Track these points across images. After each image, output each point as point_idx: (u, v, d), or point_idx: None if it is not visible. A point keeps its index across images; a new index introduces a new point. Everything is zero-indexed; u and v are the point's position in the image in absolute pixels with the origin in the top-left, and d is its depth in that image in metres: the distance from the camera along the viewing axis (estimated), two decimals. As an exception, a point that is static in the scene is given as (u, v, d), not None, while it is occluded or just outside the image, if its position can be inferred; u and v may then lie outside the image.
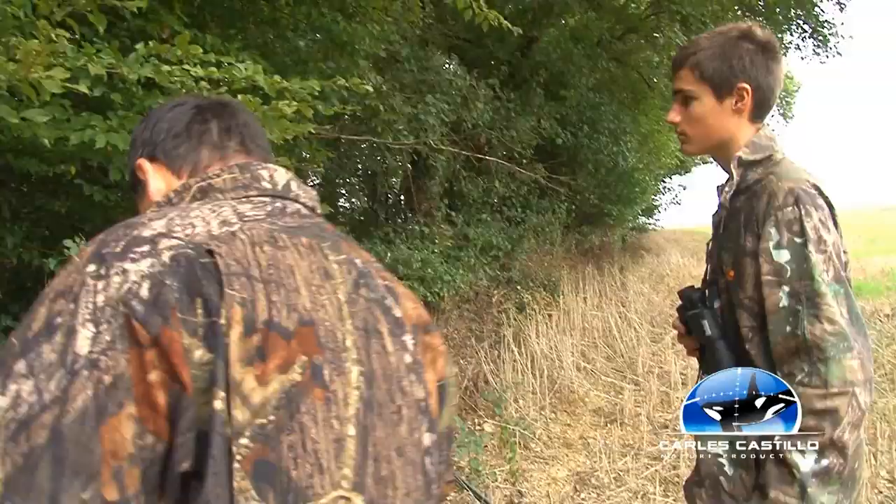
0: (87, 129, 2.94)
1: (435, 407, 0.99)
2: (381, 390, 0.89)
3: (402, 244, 7.22)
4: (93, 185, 4.26)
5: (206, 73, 2.92)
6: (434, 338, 1.05)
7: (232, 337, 0.76)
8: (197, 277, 0.78)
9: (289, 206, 1.01)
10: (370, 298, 0.94)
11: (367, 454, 0.84)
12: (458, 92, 7.54)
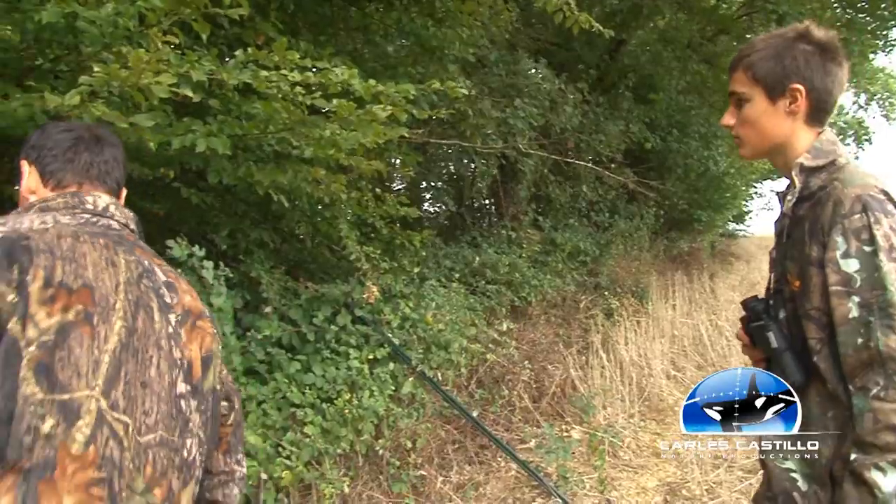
0: (188, 133, 3.01)
1: (197, 369, 1.42)
2: (139, 341, 1.30)
3: (489, 248, 7.21)
4: (190, 187, 4.37)
5: (302, 77, 2.95)
6: (205, 322, 1.50)
7: (33, 287, 1.19)
8: (16, 251, 1.21)
9: (102, 220, 1.45)
10: (147, 286, 1.38)
11: (118, 376, 1.24)
12: (546, 96, 7.49)
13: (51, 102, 2.42)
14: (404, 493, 4.10)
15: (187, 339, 1.42)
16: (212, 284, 3.37)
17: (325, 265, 5.64)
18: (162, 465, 1.30)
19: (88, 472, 1.18)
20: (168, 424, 1.32)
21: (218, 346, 1.53)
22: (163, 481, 1.30)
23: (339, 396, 3.88)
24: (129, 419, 1.24)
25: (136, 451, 1.25)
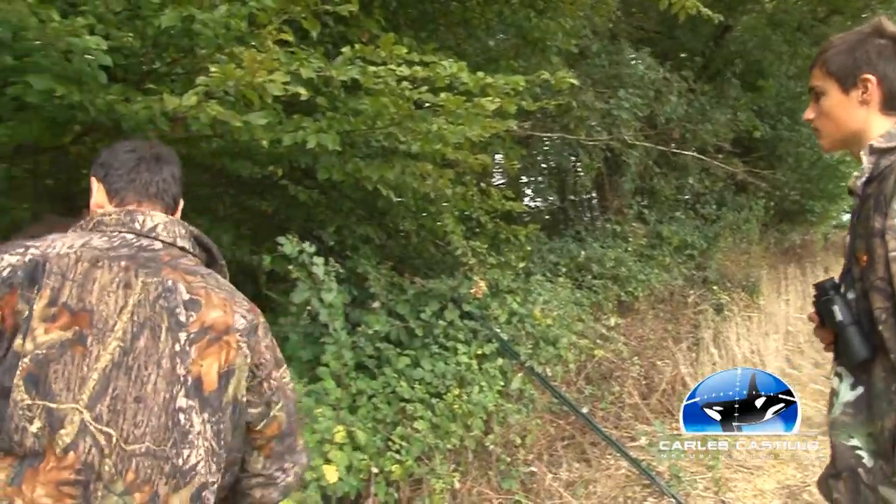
0: (298, 130, 3.05)
1: (210, 383, 1.47)
2: (135, 360, 1.40)
3: (594, 242, 7.09)
4: (297, 185, 4.44)
5: (410, 72, 2.94)
6: (232, 337, 1.53)
7: (38, 305, 1.36)
8: (37, 274, 1.38)
9: (142, 241, 1.55)
10: (163, 306, 1.46)
11: (105, 392, 1.37)
12: (650, 85, 7.30)
13: (170, 104, 2.49)
14: (514, 489, 4.05)
15: (198, 356, 1.48)
16: (322, 280, 3.41)
17: (430, 261, 5.65)
18: (146, 472, 1.39)
19: (64, 474, 1.33)
20: (159, 436, 1.41)
21: (244, 360, 1.55)
22: (145, 487, 1.39)
23: (449, 391, 3.87)
24: (112, 431, 1.37)
25: (120, 457, 1.37)
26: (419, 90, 3.12)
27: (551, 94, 4.82)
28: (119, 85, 2.80)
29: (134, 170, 1.68)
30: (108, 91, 2.70)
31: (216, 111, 2.58)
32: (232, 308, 1.56)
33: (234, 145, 3.80)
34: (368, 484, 3.46)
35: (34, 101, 2.88)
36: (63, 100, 2.73)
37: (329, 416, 3.18)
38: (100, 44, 2.44)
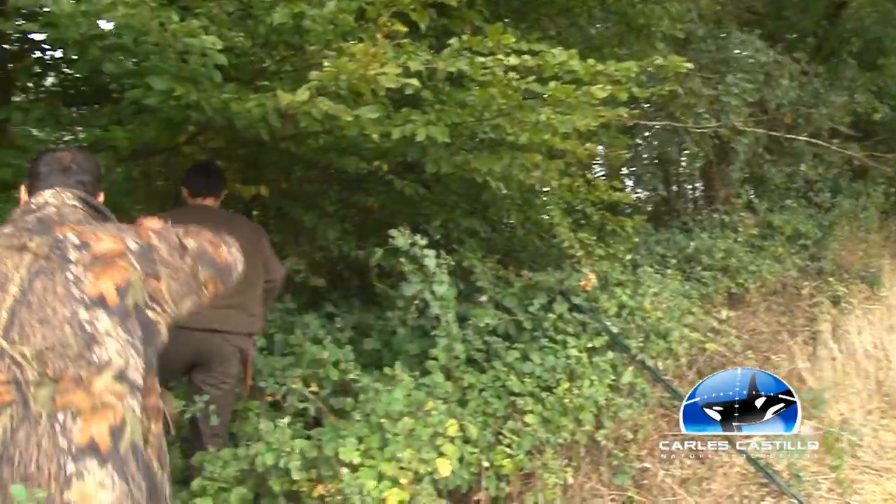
0: (407, 123, 3.04)
1: (112, 297, 1.91)
2: (34, 296, 1.85)
3: (702, 233, 6.86)
4: (403, 180, 4.45)
5: (519, 61, 2.90)
6: (125, 261, 1.97)
7: None
8: None
9: (35, 214, 2.02)
10: (55, 253, 1.91)
11: (13, 324, 1.81)
12: (760, 69, 7.01)
13: (283, 100, 2.52)
14: (626, 485, 3.96)
15: (95, 279, 1.92)
16: (433, 273, 3.40)
17: (535, 253, 5.59)
18: (62, 366, 1.84)
19: None
20: (67, 342, 1.85)
21: (138, 276, 1.99)
22: (65, 374, 1.84)
23: (559, 385, 3.81)
24: (26, 346, 1.83)
25: (38, 363, 1.82)
26: (526, 80, 3.07)
27: (656, 81, 4.69)
28: (232, 84, 2.86)
29: (47, 176, 2.15)
30: (222, 90, 2.76)
31: (327, 106, 2.60)
32: (122, 238, 2.01)
33: (341, 141, 3.84)
34: (479, 478, 3.43)
35: (152, 104, 2.97)
36: (180, 100, 2.80)
37: (442, 409, 3.17)
38: (215, 43, 2.49)
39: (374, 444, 2.93)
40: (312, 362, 3.86)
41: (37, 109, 3.76)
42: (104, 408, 1.86)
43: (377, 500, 2.77)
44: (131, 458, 1.89)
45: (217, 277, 2.23)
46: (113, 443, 1.86)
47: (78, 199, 2.12)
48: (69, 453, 1.80)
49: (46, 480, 1.79)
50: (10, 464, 1.78)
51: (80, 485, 1.80)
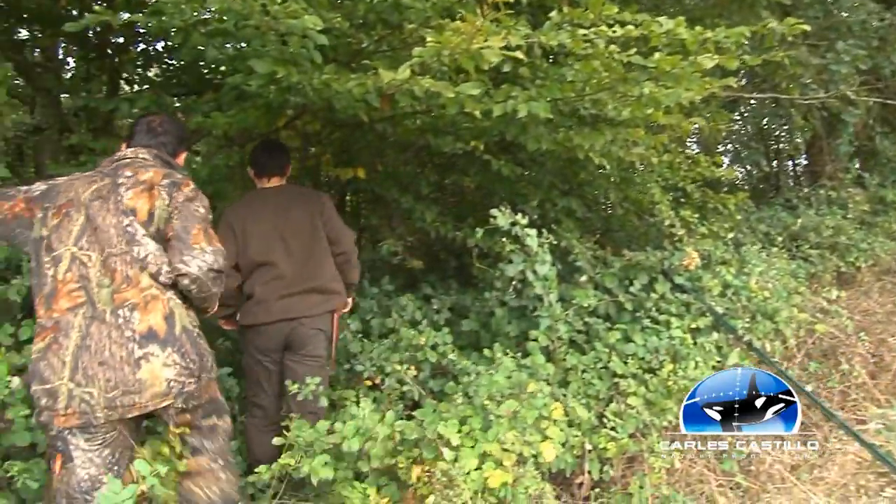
0: (508, 100, 2.98)
1: (142, 214, 2.43)
2: (95, 213, 2.40)
3: (808, 210, 6.57)
4: (499, 160, 4.40)
5: (623, 32, 2.79)
6: (158, 190, 2.48)
7: (51, 208, 2.46)
8: (51, 192, 2.52)
9: (114, 164, 2.58)
10: (111, 182, 2.47)
11: (83, 234, 2.38)
12: (873, 34, 6.60)
13: (385, 78, 2.49)
14: (733, 471, 3.82)
15: (133, 195, 2.45)
16: (535, 252, 3.34)
17: (633, 233, 5.47)
18: (116, 264, 2.36)
19: (70, 286, 2.34)
20: (116, 244, 2.38)
21: (164, 203, 2.47)
22: (117, 273, 2.35)
23: (662, 367, 3.70)
24: (91, 252, 2.37)
25: (100, 265, 2.36)
26: (628, 53, 2.96)
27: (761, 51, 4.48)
28: (332, 65, 2.85)
29: (137, 135, 2.71)
30: (322, 71, 2.76)
31: (429, 83, 2.56)
32: (162, 174, 2.53)
33: (439, 121, 3.81)
34: (581, 461, 3.38)
35: (253, 88, 3.01)
36: (281, 83, 2.82)
37: (546, 391, 3.11)
38: (316, 24, 2.49)
39: (476, 426, 2.90)
40: (410, 346, 3.87)
41: (141, 100, 3.87)
42: (154, 300, 2.34)
43: (480, 482, 2.74)
44: (186, 339, 2.37)
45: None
46: (168, 328, 2.33)
47: (151, 154, 2.63)
48: (135, 340, 2.27)
49: (119, 364, 2.24)
50: (88, 352, 2.23)
51: (148, 366, 2.26)
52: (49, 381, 2.24)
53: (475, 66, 2.53)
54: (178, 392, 2.32)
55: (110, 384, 2.22)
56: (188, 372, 2.35)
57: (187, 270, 2.42)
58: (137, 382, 2.24)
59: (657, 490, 3.38)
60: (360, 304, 4.42)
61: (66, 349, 2.24)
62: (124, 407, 2.24)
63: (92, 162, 3.78)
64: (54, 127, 4.22)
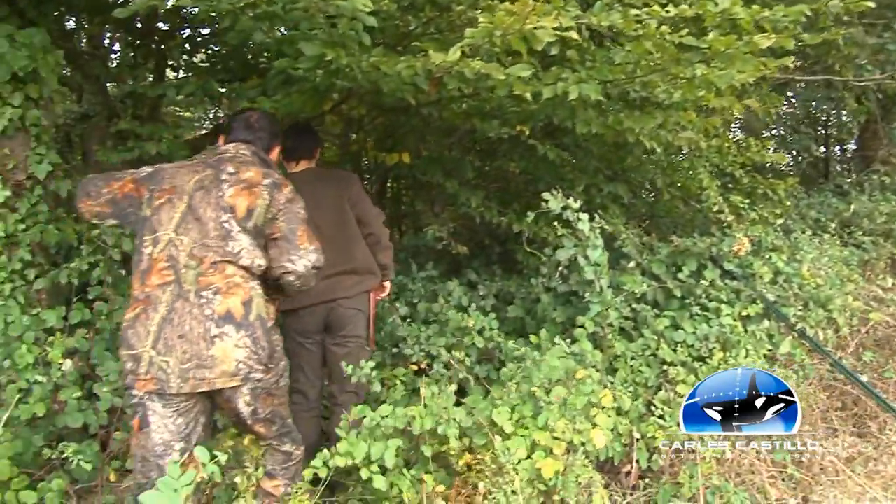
0: (558, 82, 2.93)
1: (240, 211, 2.58)
2: (197, 203, 2.57)
3: (860, 196, 6.41)
4: (545, 145, 4.34)
5: (677, 11, 2.72)
6: (258, 188, 2.63)
7: (156, 191, 2.63)
8: (156, 175, 2.69)
9: (217, 155, 2.76)
10: (214, 177, 2.62)
11: (182, 221, 2.54)
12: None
13: (436, 59, 2.46)
14: (785, 461, 3.74)
15: (234, 193, 2.60)
16: (587, 237, 3.29)
17: (679, 219, 5.39)
18: (206, 253, 2.51)
19: (161, 265, 2.50)
20: (213, 236, 2.53)
21: (264, 202, 2.62)
22: (206, 261, 2.50)
23: (712, 355, 3.63)
24: (185, 237, 2.52)
25: (190, 250, 2.51)
26: (679, 33, 2.89)
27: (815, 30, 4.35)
28: (380, 47, 2.82)
29: (235, 131, 2.87)
30: (371, 53, 2.73)
31: (479, 65, 2.52)
32: (262, 174, 2.68)
33: (485, 104, 3.77)
34: (629, 449, 3.33)
35: (301, 71, 2.99)
36: (330, 65, 2.79)
37: (596, 378, 3.07)
38: (366, 5, 2.45)
39: (527, 413, 2.87)
40: (457, 330, 3.84)
41: (188, 85, 3.88)
42: (236, 286, 2.51)
43: (531, 470, 2.71)
44: (259, 326, 2.50)
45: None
46: (245, 313, 2.48)
47: (250, 151, 2.80)
48: (212, 320, 2.43)
49: (196, 339, 2.41)
50: (171, 325, 2.42)
51: (221, 344, 2.42)
52: (134, 347, 2.43)
53: (526, 47, 2.47)
54: (245, 375, 2.47)
55: (186, 356, 2.40)
56: (257, 358, 2.49)
57: (294, 269, 2.65)
58: (210, 358, 2.41)
59: (707, 480, 3.32)
60: (407, 287, 4.41)
61: (152, 320, 2.43)
62: (196, 380, 2.41)
63: (139, 148, 3.82)
64: (102, 114, 4.26)
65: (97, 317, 3.43)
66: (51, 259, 3.69)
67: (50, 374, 3.04)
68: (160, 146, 3.79)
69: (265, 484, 2.75)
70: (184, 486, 1.61)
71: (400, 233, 5.98)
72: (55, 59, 3.36)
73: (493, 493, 2.63)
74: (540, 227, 4.19)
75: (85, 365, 3.32)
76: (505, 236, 4.99)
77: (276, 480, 2.75)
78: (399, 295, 4.39)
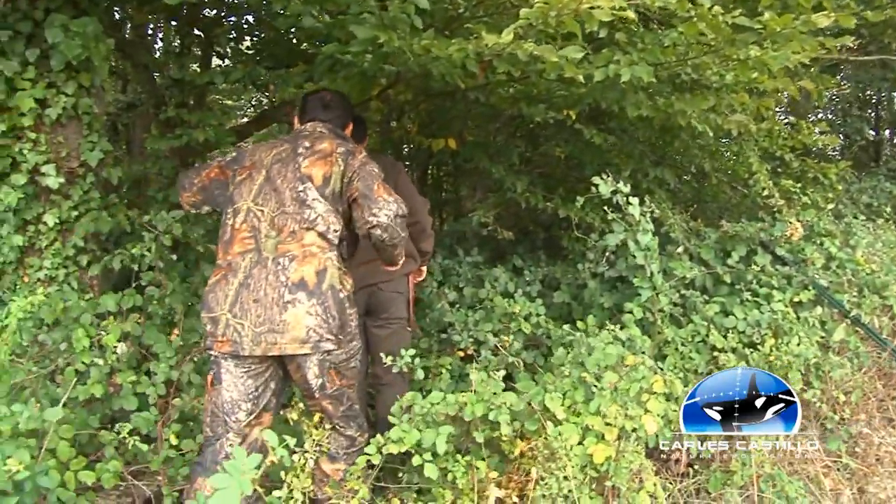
0: (609, 65, 2.88)
1: (317, 179, 2.68)
2: (276, 175, 2.71)
3: (915, 179, 6.27)
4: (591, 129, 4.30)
5: (734, -11, 2.66)
6: (333, 157, 2.72)
7: (238, 169, 2.82)
8: (241, 154, 2.91)
9: (298, 135, 2.87)
10: (292, 151, 2.76)
11: (260, 193, 2.70)
12: None
13: (489, 41, 2.43)
14: (839, 451, 3.68)
15: (310, 164, 2.71)
16: (638, 221, 3.25)
17: (726, 204, 5.31)
18: (284, 221, 2.63)
19: (243, 234, 2.64)
20: (289, 204, 2.65)
21: (339, 169, 2.70)
22: (285, 228, 2.62)
23: (764, 341, 3.57)
24: (265, 207, 2.66)
25: (269, 219, 2.64)
26: (732, 14, 2.82)
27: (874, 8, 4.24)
28: (431, 30, 2.81)
29: (311, 111, 2.97)
30: (422, 36, 2.71)
31: (532, 47, 2.49)
32: (336, 144, 2.78)
33: (532, 88, 3.74)
34: (679, 435, 3.29)
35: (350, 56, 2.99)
36: (381, 48, 2.78)
37: (648, 364, 3.03)
38: (419, -14, 2.44)
39: (578, 399, 2.85)
40: (503, 316, 3.83)
41: (235, 72, 3.90)
42: (311, 256, 2.59)
43: (584, 456, 2.69)
44: (330, 296, 2.56)
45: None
46: (318, 282, 2.55)
47: (327, 129, 2.89)
48: (287, 286, 2.52)
49: (271, 303, 2.51)
50: (247, 290, 2.54)
51: (293, 310, 2.51)
52: (214, 310, 2.58)
53: (580, 28, 2.44)
54: (314, 344, 2.54)
55: (259, 320, 2.51)
56: (327, 327, 2.56)
57: (378, 221, 2.62)
58: (282, 323, 2.51)
59: (760, 468, 3.27)
60: (454, 272, 4.41)
61: (231, 285, 2.57)
62: (267, 343, 2.51)
63: (187, 135, 3.85)
64: (149, 102, 4.30)
65: (149, 302, 3.47)
66: (102, 245, 3.74)
67: (105, 357, 3.08)
68: (207, 133, 3.82)
69: (325, 465, 2.77)
70: (251, 470, 1.62)
71: (441, 220, 5.96)
72: (107, 47, 3.39)
73: (545, 479, 2.61)
74: (586, 212, 4.15)
75: (137, 350, 3.37)
76: (550, 222, 4.95)
77: (337, 464, 2.78)
78: (445, 280, 4.39)
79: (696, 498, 3.30)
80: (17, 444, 2.40)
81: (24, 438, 2.50)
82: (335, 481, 2.73)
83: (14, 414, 2.47)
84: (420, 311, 4.35)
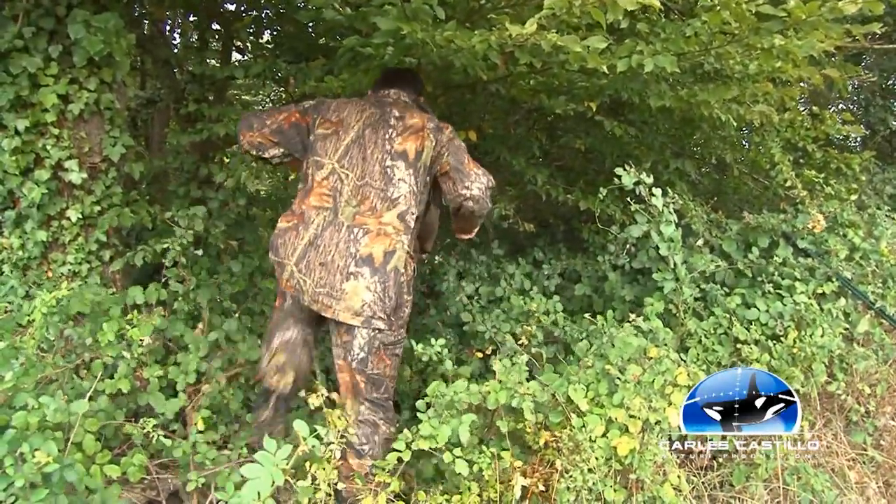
0: (633, 55, 2.86)
1: (410, 154, 2.78)
2: (364, 140, 2.80)
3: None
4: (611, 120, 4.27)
5: (755, -21, 2.64)
6: (424, 133, 2.82)
7: (319, 119, 2.92)
8: (321, 106, 2.96)
9: (381, 98, 2.98)
10: (381, 118, 2.84)
11: (346, 154, 2.80)
12: None
13: (513, 31, 2.42)
14: (865, 444, 3.65)
15: (402, 140, 2.79)
16: (661, 212, 3.24)
17: (747, 195, 5.27)
18: (368, 193, 2.71)
19: (323, 190, 2.76)
20: (375, 179, 2.73)
21: (431, 144, 2.81)
22: (366, 202, 2.71)
23: (787, 333, 3.54)
24: (350, 172, 2.74)
25: (353, 186, 2.72)
26: (757, 2, 2.79)
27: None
28: (453, 22, 2.80)
29: (391, 81, 3.07)
30: (444, 28, 2.70)
31: (555, 38, 2.48)
32: (425, 119, 2.87)
33: (553, 80, 3.72)
34: (702, 429, 3.27)
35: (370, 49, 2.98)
36: (402, 41, 2.77)
37: (673, 357, 3.02)
38: (440, -22, 2.43)
39: (602, 391, 2.84)
40: (521, 315, 3.83)
41: (256, 66, 3.90)
42: (385, 235, 2.67)
43: (608, 448, 2.68)
44: (392, 277, 2.65)
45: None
46: (384, 261, 2.64)
47: (408, 97, 3.01)
48: (354, 258, 2.63)
49: (335, 270, 2.63)
50: (315, 250, 2.67)
51: (354, 282, 2.61)
52: (281, 257, 2.76)
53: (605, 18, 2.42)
54: (366, 319, 2.65)
55: (321, 282, 2.65)
56: (381, 305, 2.65)
57: (471, 194, 2.77)
58: (340, 291, 2.63)
59: (785, 461, 3.25)
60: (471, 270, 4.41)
61: (301, 239, 2.72)
62: (322, 304, 2.66)
63: (208, 130, 3.86)
64: (169, 97, 4.31)
65: (173, 297, 3.49)
66: (124, 241, 3.76)
67: (132, 351, 3.10)
68: (228, 127, 3.82)
69: (352, 460, 2.76)
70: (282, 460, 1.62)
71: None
72: (128, 42, 3.41)
73: (569, 470, 2.60)
74: (607, 204, 4.13)
75: (161, 344, 3.38)
76: (569, 214, 4.93)
77: (364, 459, 2.77)
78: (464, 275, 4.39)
79: (720, 491, 3.29)
80: (45, 437, 2.41)
81: (51, 431, 2.52)
82: (361, 475, 2.72)
83: (41, 406, 2.48)
84: (440, 304, 4.35)
